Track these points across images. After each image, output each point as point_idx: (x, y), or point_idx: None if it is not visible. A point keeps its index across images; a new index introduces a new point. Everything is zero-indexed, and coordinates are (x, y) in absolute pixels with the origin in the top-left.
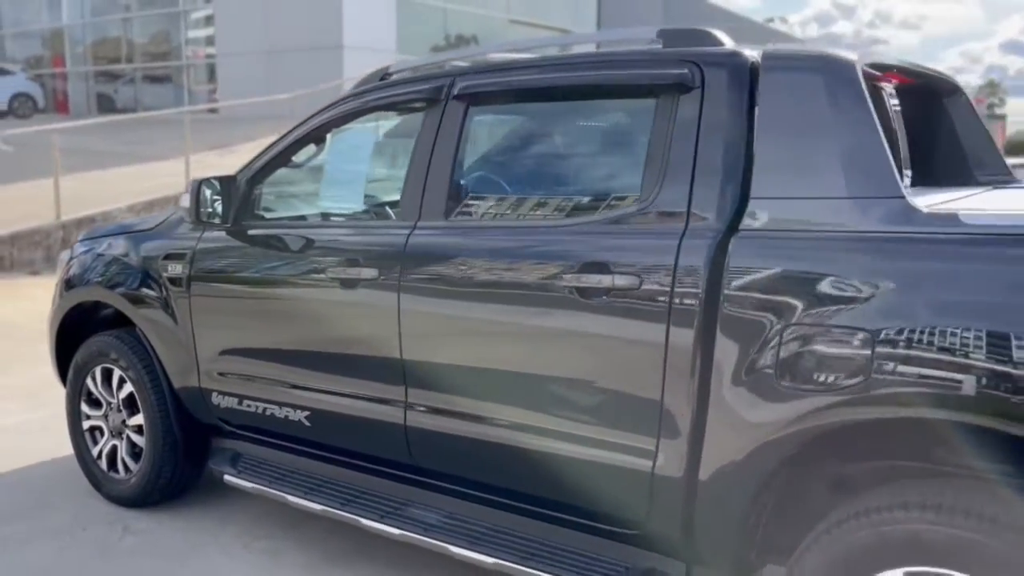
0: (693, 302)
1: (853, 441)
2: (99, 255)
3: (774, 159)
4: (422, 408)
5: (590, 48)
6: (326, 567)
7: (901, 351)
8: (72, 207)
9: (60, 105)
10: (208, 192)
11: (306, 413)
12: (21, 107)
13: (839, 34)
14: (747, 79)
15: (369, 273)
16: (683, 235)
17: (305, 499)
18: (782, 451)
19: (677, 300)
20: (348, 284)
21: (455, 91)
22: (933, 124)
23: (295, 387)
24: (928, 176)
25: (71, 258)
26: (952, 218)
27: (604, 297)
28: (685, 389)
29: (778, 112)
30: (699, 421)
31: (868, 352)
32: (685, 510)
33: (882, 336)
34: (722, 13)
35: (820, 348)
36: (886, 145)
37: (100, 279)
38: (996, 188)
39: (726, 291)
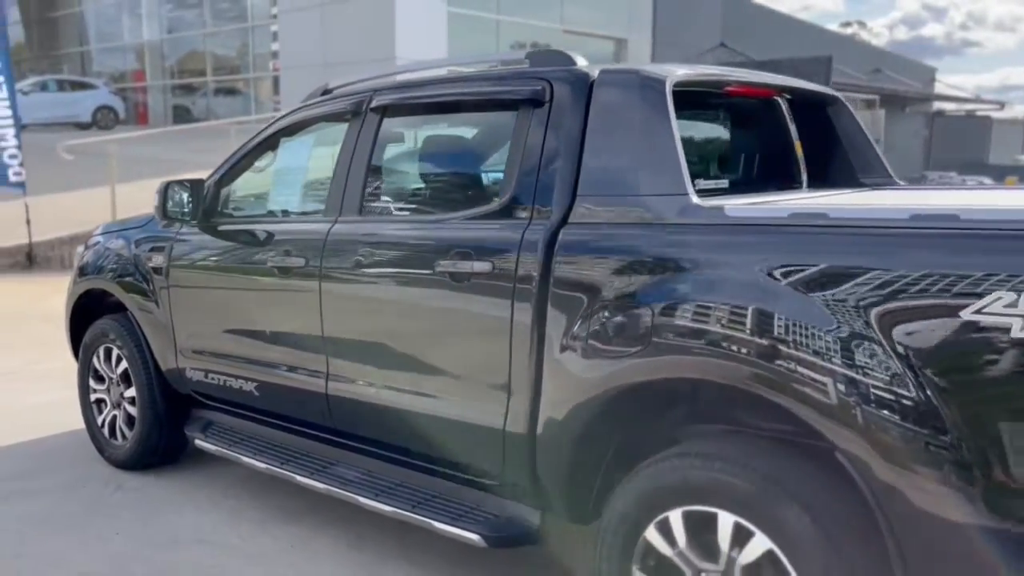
0: (531, 283)
1: (648, 400)
2: (105, 248)
3: (596, 162)
4: (337, 377)
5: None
6: (277, 523)
7: (674, 322)
8: (127, 211)
9: (141, 116)
10: (174, 192)
11: (255, 384)
12: (104, 119)
13: (928, 37)
14: (584, 94)
15: (298, 262)
16: (526, 228)
17: (254, 459)
18: (594, 408)
19: (519, 282)
20: (283, 272)
21: (371, 105)
22: (820, 133)
23: (245, 361)
24: (822, 179)
25: (84, 250)
26: (719, 211)
27: (468, 280)
28: (526, 356)
29: (602, 122)
30: (536, 383)
31: (649, 322)
32: (530, 462)
33: (660, 309)
34: (780, 18)
35: (618, 319)
36: (680, 151)
37: (102, 269)
38: (872, 189)
39: (555, 274)
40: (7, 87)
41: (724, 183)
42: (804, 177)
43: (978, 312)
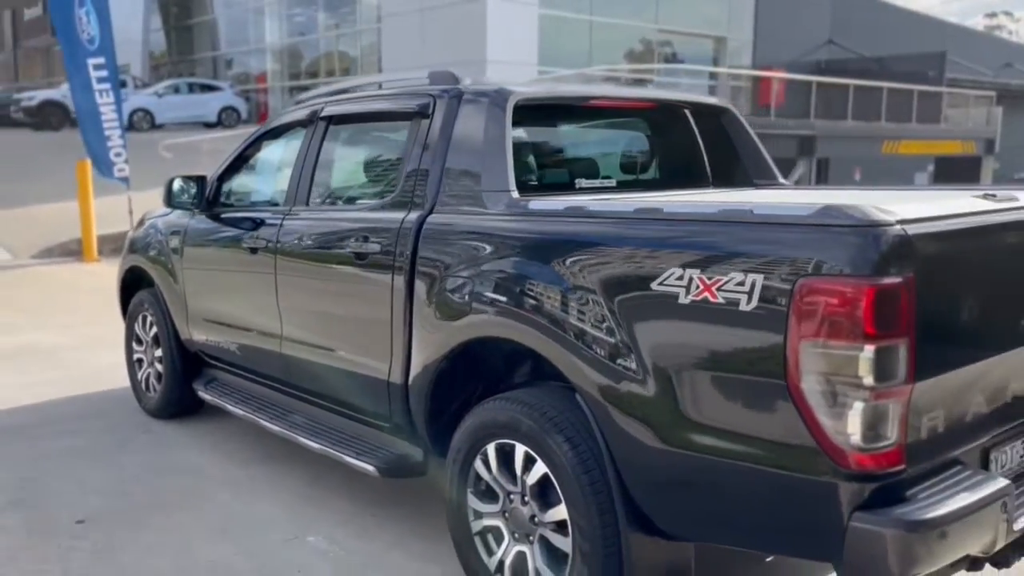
0: (404, 261)
1: (478, 355)
2: (144, 232)
3: (455, 164)
4: (287, 339)
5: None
6: (258, 463)
7: (485, 292)
8: None
9: (262, 116)
10: (179, 185)
11: (236, 345)
12: (228, 118)
13: None
14: (454, 108)
15: (263, 243)
16: (405, 216)
17: (235, 407)
18: (443, 362)
19: (397, 260)
20: (253, 251)
21: (320, 115)
22: (717, 140)
23: (230, 326)
24: (724, 180)
25: (132, 233)
26: (527, 204)
27: (366, 258)
28: (401, 320)
29: (461, 131)
30: (408, 341)
31: (472, 291)
32: (406, 407)
33: (479, 281)
34: (895, 12)
35: (455, 289)
36: (509, 156)
37: (140, 250)
38: (753, 188)
39: (420, 254)
40: (114, 93)
41: (611, 182)
42: (708, 178)
43: (660, 284)
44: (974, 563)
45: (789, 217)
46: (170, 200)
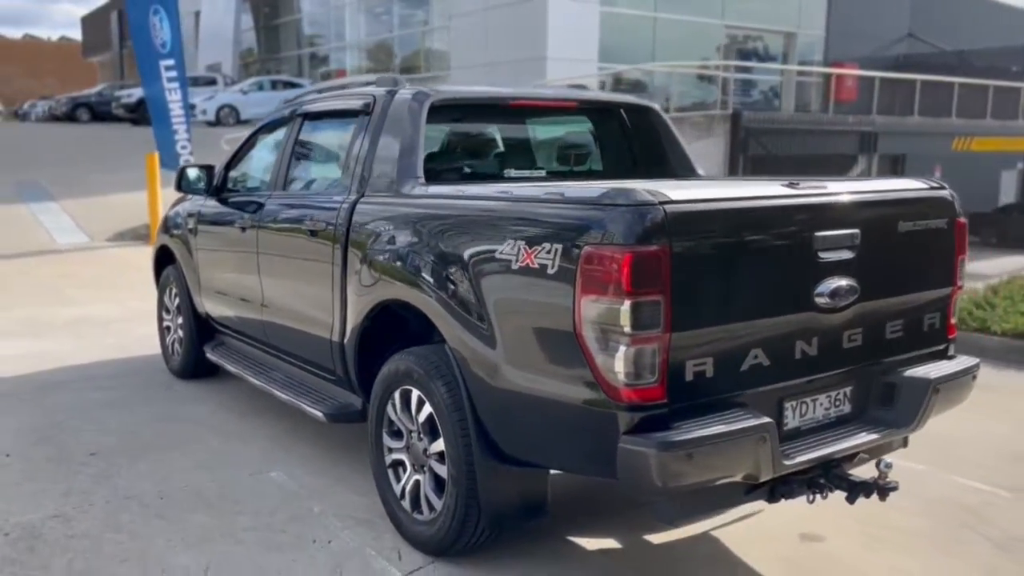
0: (343, 235)
1: (389, 317)
2: (172, 214)
3: (383, 154)
4: (266, 305)
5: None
6: (254, 415)
7: (390, 262)
8: None
9: None
10: (189, 174)
11: (232, 312)
12: None
13: None
14: (385, 107)
15: (249, 223)
16: (344, 199)
17: (231, 366)
18: (365, 323)
19: (336, 236)
20: (243, 230)
21: (297, 112)
22: (638, 136)
23: (227, 295)
24: (652, 172)
25: (165, 216)
26: (426, 189)
27: (317, 235)
28: (340, 286)
29: (389, 127)
30: (343, 306)
31: (382, 263)
32: (345, 363)
33: (386, 253)
34: (980, 4)
35: (371, 260)
36: (420, 149)
37: (167, 230)
38: (670, 179)
39: (352, 231)
40: (181, 91)
41: (541, 172)
42: (632, 170)
43: (500, 253)
44: (755, 488)
45: (584, 198)
46: (180, 186)
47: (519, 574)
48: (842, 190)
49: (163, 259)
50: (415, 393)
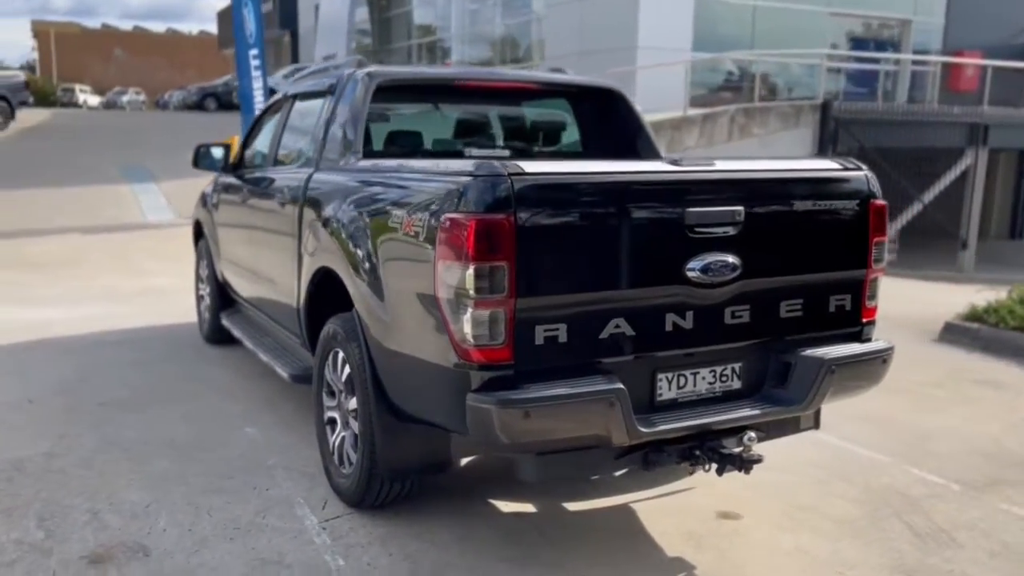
0: (300, 205)
1: (334, 283)
2: (205, 191)
3: (334, 131)
4: (255, 272)
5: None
6: (258, 378)
7: (324, 233)
8: None
9: None
10: (203, 151)
11: (238, 280)
12: None
13: None
14: (342, 87)
15: (247, 196)
16: (305, 173)
17: (236, 331)
18: (311, 288)
19: (296, 205)
20: (243, 202)
21: (289, 92)
22: (601, 117)
23: (235, 264)
24: (606, 153)
25: (202, 192)
26: (361, 162)
27: (285, 206)
28: (297, 251)
29: (342, 106)
30: (299, 272)
31: (320, 231)
32: (301, 326)
33: (324, 220)
34: None
35: (315, 231)
36: (361, 126)
37: (200, 205)
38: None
39: (306, 203)
40: (263, 78)
41: (505, 152)
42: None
43: (392, 221)
44: (626, 453)
45: (452, 170)
46: (196, 163)
47: (422, 528)
48: (727, 168)
49: (199, 233)
50: (340, 355)
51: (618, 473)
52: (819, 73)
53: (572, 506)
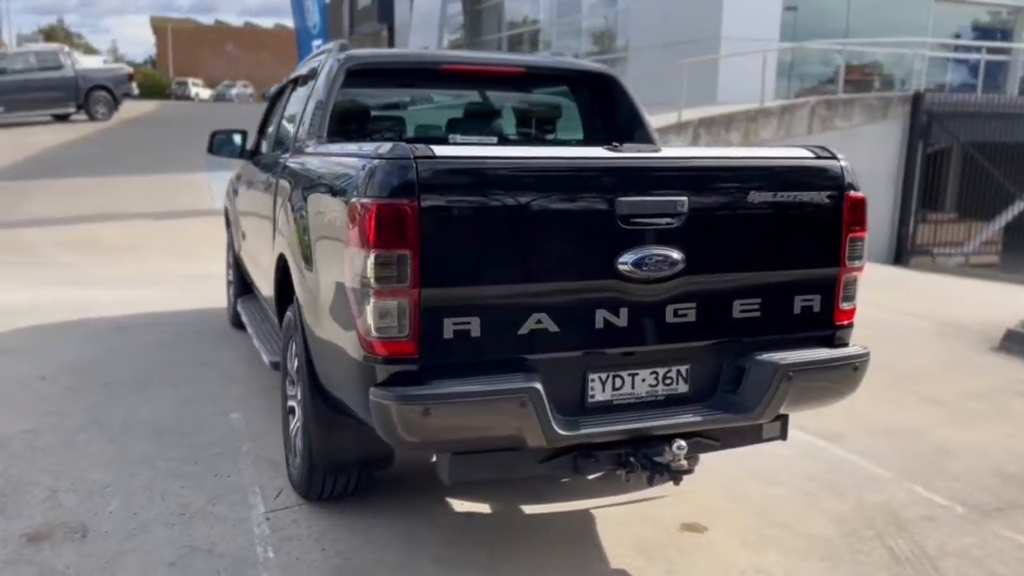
0: (273, 188)
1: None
2: (232, 177)
3: (309, 115)
4: (252, 258)
5: None
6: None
7: (283, 217)
8: None
9: None
10: (218, 138)
11: (246, 265)
12: None
13: None
14: (321, 69)
15: (250, 181)
16: (284, 157)
17: (244, 317)
18: (282, 267)
19: (272, 188)
20: (248, 186)
21: (290, 77)
22: (601, 104)
23: (243, 249)
24: (601, 139)
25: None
26: (318, 148)
27: (271, 186)
28: (272, 237)
29: (316, 90)
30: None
31: (281, 215)
32: (274, 313)
33: (282, 207)
34: None
35: (281, 215)
36: (328, 110)
37: (227, 193)
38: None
39: (279, 186)
40: None
41: (492, 139)
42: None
43: (322, 207)
44: (557, 454)
45: (366, 153)
46: (211, 149)
47: (366, 524)
48: (667, 155)
49: (228, 219)
50: (293, 343)
51: (591, 477)
52: (915, 63)
53: (530, 508)
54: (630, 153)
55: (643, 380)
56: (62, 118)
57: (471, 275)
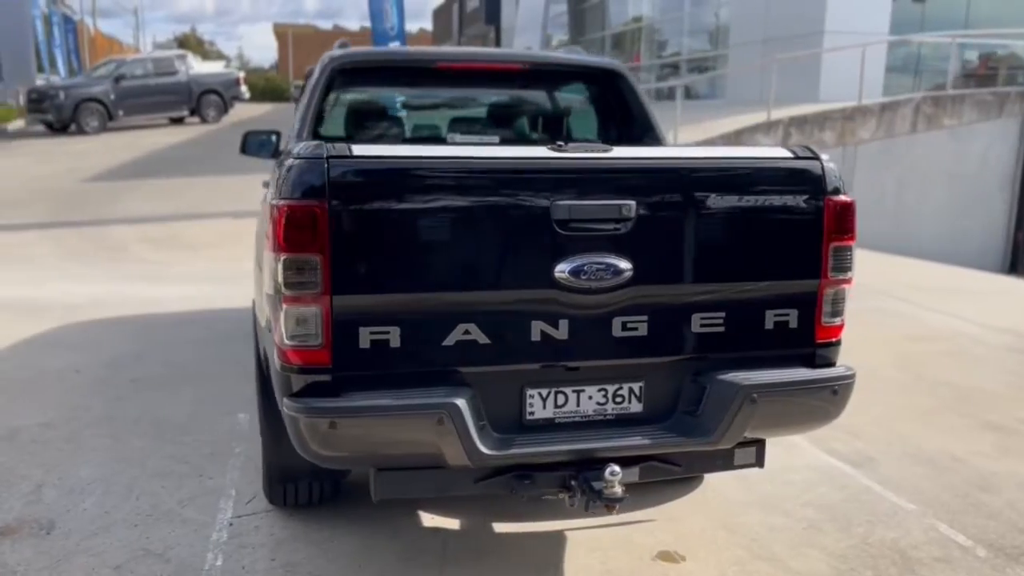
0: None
1: None
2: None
3: (299, 117)
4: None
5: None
6: None
7: (263, 206)
8: None
9: None
10: (252, 137)
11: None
12: None
13: None
14: (316, 73)
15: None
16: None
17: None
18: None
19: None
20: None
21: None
22: (607, 100)
23: None
24: (614, 137)
25: None
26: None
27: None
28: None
29: (306, 91)
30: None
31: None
32: None
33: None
34: None
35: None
36: (312, 110)
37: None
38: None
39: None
40: None
41: (494, 139)
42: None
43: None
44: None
45: (296, 152)
46: (243, 150)
47: (325, 535)
48: (613, 156)
49: None
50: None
51: (551, 494)
52: None
53: (503, 527)
54: (572, 154)
55: (590, 397)
56: (177, 121)
57: (389, 282)
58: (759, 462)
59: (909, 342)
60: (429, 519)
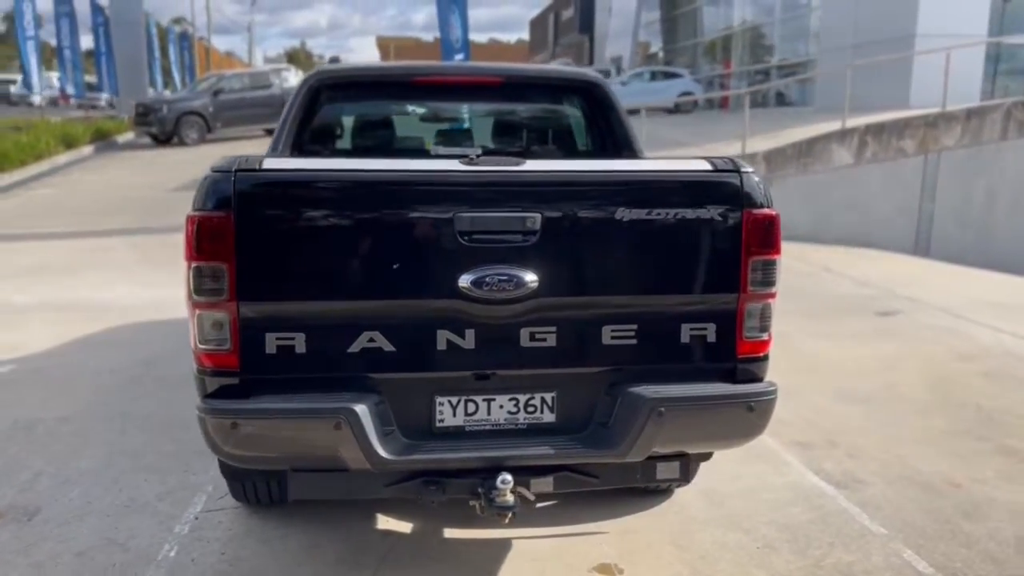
0: None
1: None
2: None
3: (284, 126)
4: None
5: None
6: None
7: None
8: None
9: (723, 101)
10: None
11: None
12: (684, 104)
13: None
14: (304, 87)
15: None
16: None
17: None
18: None
19: None
20: None
21: None
22: (589, 113)
23: None
24: (595, 151)
25: None
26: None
27: None
28: None
29: (287, 108)
30: None
31: None
32: None
33: None
34: None
35: None
36: (290, 123)
37: None
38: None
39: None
40: None
41: (477, 151)
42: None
43: None
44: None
45: (212, 166)
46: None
47: (280, 533)
48: (518, 169)
49: None
50: None
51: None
52: None
53: (453, 532)
54: (479, 167)
55: (500, 407)
56: (271, 132)
57: (293, 290)
58: (684, 477)
59: (953, 361)
60: (384, 522)
